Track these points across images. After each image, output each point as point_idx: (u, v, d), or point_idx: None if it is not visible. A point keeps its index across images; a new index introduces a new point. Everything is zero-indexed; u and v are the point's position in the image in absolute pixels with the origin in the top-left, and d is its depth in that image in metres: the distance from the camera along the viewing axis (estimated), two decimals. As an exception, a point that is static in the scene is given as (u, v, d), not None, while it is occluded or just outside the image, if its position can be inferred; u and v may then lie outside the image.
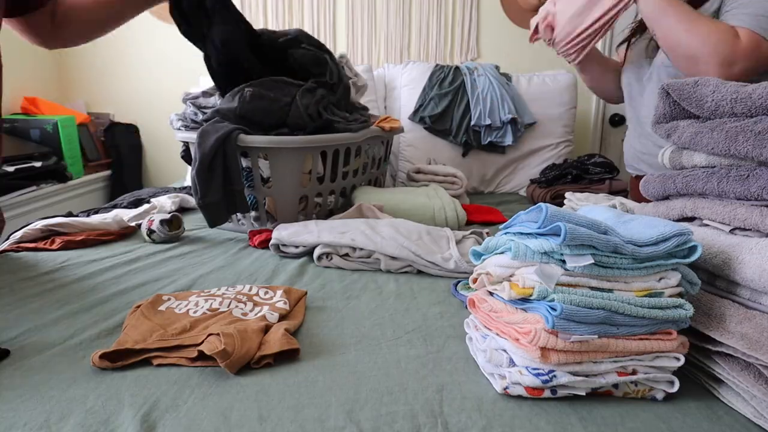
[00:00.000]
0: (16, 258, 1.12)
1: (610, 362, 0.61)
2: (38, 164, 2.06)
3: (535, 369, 0.60)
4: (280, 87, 1.29)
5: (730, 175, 0.67)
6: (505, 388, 0.62)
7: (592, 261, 0.59)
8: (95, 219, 1.32)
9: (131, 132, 2.61)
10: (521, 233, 0.66)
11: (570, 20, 1.22)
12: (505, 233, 0.69)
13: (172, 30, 2.49)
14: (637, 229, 0.64)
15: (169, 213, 1.29)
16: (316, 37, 2.44)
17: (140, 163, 2.67)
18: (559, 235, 0.58)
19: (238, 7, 2.41)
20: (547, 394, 0.61)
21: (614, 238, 0.60)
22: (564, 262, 0.60)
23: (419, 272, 1.08)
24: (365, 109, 1.60)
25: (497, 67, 2.14)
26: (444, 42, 2.46)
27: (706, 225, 0.73)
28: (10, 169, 1.94)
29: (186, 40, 1.30)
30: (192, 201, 1.66)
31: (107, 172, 2.54)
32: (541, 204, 0.62)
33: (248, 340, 0.70)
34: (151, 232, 1.27)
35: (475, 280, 0.71)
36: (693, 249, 0.62)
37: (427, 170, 1.81)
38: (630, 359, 0.61)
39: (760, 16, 1.01)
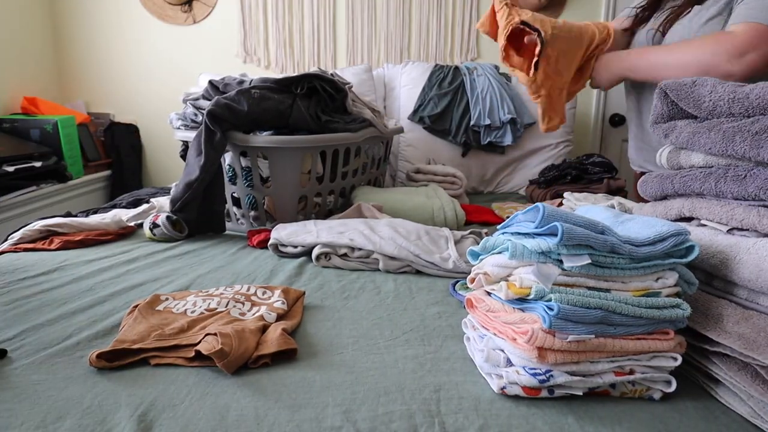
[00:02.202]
0: (15, 258, 1.12)
1: (608, 362, 0.60)
2: (38, 164, 2.06)
3: (532, 369, 0.60)
4: (279, 89, 1.30)
5: (727, 175, 0.67)
6: (502, 388, 0.62)
7: (589, 261, 0.59)
8: (94, 219, 1.32)
9: (131, 132, 2.61)
10: (519, 233, 0.66)
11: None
12: (503, 233, 0.69)
13: (172, 30, 2.50)
14: (635, 228, 0.64)
15: (175, 216, 1.29)
16: (316, 36, 2.46)
17: (140, 163, 2.67)
18: (557, 235, 0.58)
19: (238, 7, 2.44)
20: (544, 393, 0.61)
21: (611, 238, 0.60)
22: (561, 261, 0.60)
23: (418, 272, 1.08)
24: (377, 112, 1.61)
25: (497, 67, 2.14)
26: (444, 42, 2.46)
27: (704, 225, 0.73)
28: (10, 169, 1.94)
29: (186, 40, 1.30)
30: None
31: (107, 172, 2.54)
32: (539, 204, 0.62)
33: (246, 340, 0.70)
34: (155, 225, 1.27)
35: (472, 280, 0.71)
36: (690, 249, 0.62)
37: (426, 170, 1.81)
38: (627, 359, 0.61)
39: (763, 9, 1.04)
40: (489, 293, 0.69)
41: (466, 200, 1.78)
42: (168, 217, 1.27)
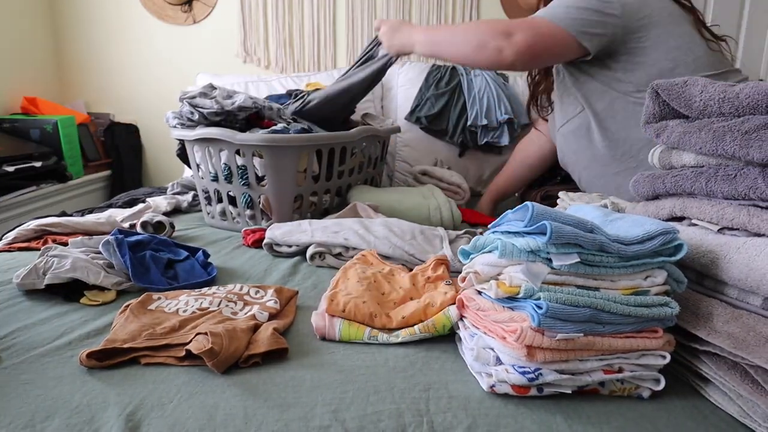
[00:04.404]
0: (9, 257, 1.12)
1: (597, 360, 0.60)
2: (38, 164, 2.07)
3: (521, 367, 0.60)
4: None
5: (718, 175, 0.67)
6: (491, 386, 0.61)
7: (578, 259, 0.59)
8: (89, 219, 1.32)
9: (131, 132, 2.61)
10: (508, 232, 0.66)
11: None
12: (493, 232, 0.69)
13: (172, 30, 2.50)
14: (624, 227, 0.64)
15: (155, 219, 1.29)
16: (316, 36, 2.46)
17: (140, 163, 2.68)
18: (546, 234, 0.58)
19: (238, 7, 2.44)
20: (533, 392, 0.60)
21: (600, 237, 0.60)
22: (550, 260, 0.60)
23: (412, 272, 1.07)
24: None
25: (495, 67, 2.13)
26: (443, 42, 2.45)
27: (695, 224, 0.73)
28: (10, 169, 1.94)
29: (186, 39, 1.30)
30: (185, 202, 1.66)
31: (107, 172, 2.54)
32: (528, 202, 0.62)
33: (236, 340, 0.69)
34: None
35: (463, 279, 0.71)
36: (679, 247, 0.62)
37: (433, 174, 1.79)
38: (616, 357, 0.61)
39: (549, 8, 1.19)
40: (479, 292, 0.69)
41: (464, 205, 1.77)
42: (143, 222, 1.27)
